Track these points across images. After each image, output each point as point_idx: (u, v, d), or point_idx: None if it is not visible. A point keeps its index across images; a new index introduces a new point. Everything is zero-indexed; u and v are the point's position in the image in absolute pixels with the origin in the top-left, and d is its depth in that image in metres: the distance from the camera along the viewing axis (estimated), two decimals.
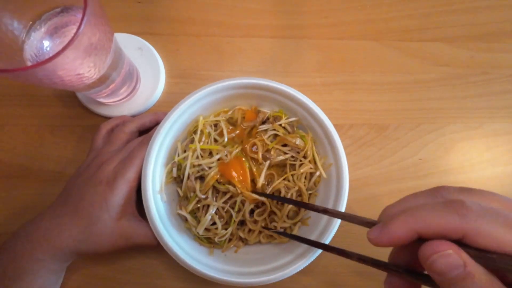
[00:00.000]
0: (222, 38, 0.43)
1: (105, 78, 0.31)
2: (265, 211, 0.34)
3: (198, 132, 0.35)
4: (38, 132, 0.39)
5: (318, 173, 0.35)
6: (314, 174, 0.35)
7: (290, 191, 0.34)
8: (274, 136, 0.36)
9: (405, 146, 0.41)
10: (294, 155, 0.35)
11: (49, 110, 0.40)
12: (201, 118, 0.36)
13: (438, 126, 0.42)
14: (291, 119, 0.36)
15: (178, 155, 0.35)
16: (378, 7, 0.44)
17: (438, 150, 0.41)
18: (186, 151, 0.35)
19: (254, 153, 0.35)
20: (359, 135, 0.41)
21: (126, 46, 0.39)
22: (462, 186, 0.17)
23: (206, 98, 0.35)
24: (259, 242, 0.36)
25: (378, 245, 0.18)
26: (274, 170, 0.35)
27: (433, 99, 0.43)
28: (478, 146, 0.42)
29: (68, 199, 0.32)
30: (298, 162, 0.35)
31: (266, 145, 0.35)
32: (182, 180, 0.35)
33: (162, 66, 0.41)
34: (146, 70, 0.40)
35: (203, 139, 0.35)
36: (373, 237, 0.18)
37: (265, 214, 0.34)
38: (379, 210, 0.22)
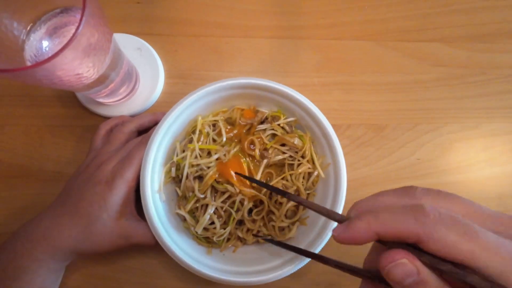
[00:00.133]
0: (221, 39, 0.43)
1: (104, 78, 0.31)
2: (263, 210, 0.34)
3: (197, 132, 0.35)
4: (38, 132, 0.39)
5: (316, 172, 0.35)
6: (312, 174, 0.35)
7: (289, 191, 0.34)
8: (273, 135, 0.36)
9: (402, 146, 0.41)
10: (292, 155, 0.35)
11: (48, 110, 0.40)
12: (199, 118, 0.36)
13: (436, 126, 0.42)
14: (290, 119, 0.36)
15: (177, 155, 0.35)
16: (377, 8, 0.45)
17: (435, 150, 0.42)
18: (184, 151, 0.35)
19: (252, 150, 0.35)
20: (357, 135, 0.41)
21: (126, 46, 0.40)
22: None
23: (204, 98, 0.35)
24: (257, 241, 0.36)
25: (341, 242, 0.19)
26: (273, 169, 0.36)
27: (431, 99, 0.43)
28: (476, 146, 0.42)
29: (67, 199, 0.32)
30: (296, 161, 0.35)
31: (264, 143, 0.35)
32: (180, 180, 0.35)
33: (161, 67, 0.41)
34: (145, 70, 0.40)
35: (202, 139, 0.35)
36: (336, 234, 0.19)
37: (263, 212, 0.34)
38: None
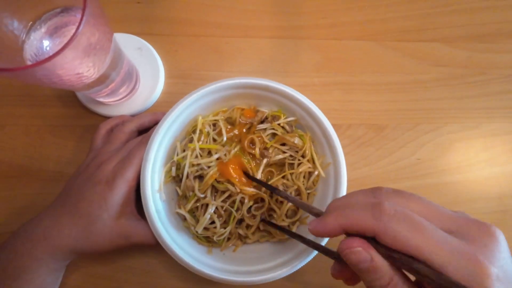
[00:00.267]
0: (221, 39, 0.43)
1: (104, 78, 0.31)
2: (263, 207, 0.34)
3: (197, 131, 0.35)
4: (38, 132, 0.39)
5: (317, 172, 0.35)
6: (313, 173, 0.35)
7: (289, 190, 0.34)
8: (273, 135, 0.36)
9: (403, 146, 0.41)
10: (292, 154, 0.35)
11: (49, 110, 0.40)
12: (200, 118, 0.36)
13: (436, 126, 0.42)
14: (290, 119, 0.36)
15: (177, 154, 0.35)
16: (377, 8, 0.45)
17: (436, 150, 0.42)
18: (185, 151, 0.35)
19: (252, 149, 0.35)
20: (357, 135, 0.41)
21: (126, 46, 0.40)
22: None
23: (205, 98, 0.35)
24: (258, 241, 0.36)
25: (315, 235, 0.21)
26: (273, 168, 0.36)
27: (431, 99, 0.43)
28: (476, 146, 0.42)
29: (67, 199, 0.32)
30: (297, 161, 0.35)
31: (264, 142, 0.35)
32: (181, 179, 0.35)
33: (162, 66, 0.41)
34: (146, 70, 0.40)
35: (202, 139, 0.35)
36: (311, 228, 0.21)
37: (263, 209, 0.34)
38: None
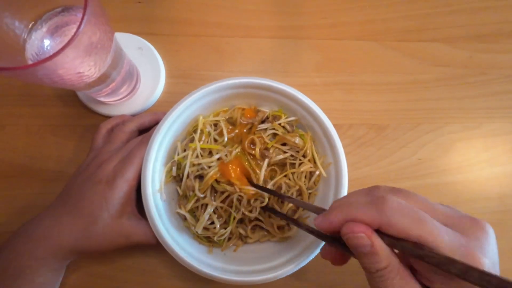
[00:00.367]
0: (221, 39, 0.43)
1: (105, 77, 0.31)
2: (262, 203, 0.34)
3: (198, 131, 0.35)
4: (38, 131, 0.39)
5: (318, 172, 0.35)
6: (314, 173, 0.35)
7: (291, 190, 0.34)
8: (274, 135, 0.36)
9: (403, 146, 0.41)
10: (293, 154, 0.35)
11: (49, 110, 0.40)
12: (201, 118, 0.36)
13: (437, 126, 0.42)
14: (291, 119, 0.36)
15: (178, 154, 0.35)
16: (377, 8, 0.45)
17: (436, 150, 0.42)
18: (186, 150, 0.35)
19: (252, 149, 0.35)
20: (358, 135, 0.41)
21: (127, 45, 0.40)
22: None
23: (205, 98, 0.35)
24: (258, 241, 0.36)
25: (320, 229, 0.23)
26: (276, 168, 0.36)
27: (431, 100, 0.43)
28: (477, 146, 0.42)
29: (68, 198, 0.32)
30: (298, 161, 0.35)
31: (265, 142, 0.35)
32: (181, 179, 0.35)
33: (162, 66, 0.41)
34: (146, 69, 0.40)
35: (203, 139, 0.35)
36: (316, 223, 0.23)
37: (263, 203, 0.34)
38: None
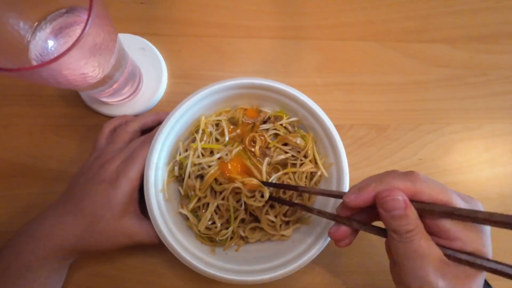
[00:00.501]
0: (223, 39, 0.43)
1: (108, 78, 0.31)
2: (263, 197, 0.33)
3: (200, 131, 0.35)
4: (41, 131, 0.40)
5: (319, 172, 0.35)
6: (315, 173, 0.36)
7: (292, 191, 0.35)
8: (275, 135, 0.36)
9: (404, 147, 0.42)
10: (294, 155, 0.36)
11: (52, 110, 0.40)
12: (203, 118, 0.36)
13: (438, 126, 0.42)
14: (292, 119, 0.37)
15: (180, 154, 0.36)
16: (378, 9, 0.45)
17: (437, 150, 0.42)
18: (187, 150, 0.35)
19: (253, 147, 0.35)
20: (359, 135, 0.42)
21: (129, 46, 0.40)
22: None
23: (207, 98, 0.35)
24: (259, 240, 0.36)
25: (353, 205, 0.24)
26: (278, 167, 0.36)
27: (432, 100, 0.43)
28: (477, 147, 0.42)
29: (71, 198, 0.32)
30: (299, 161, 0.35)
31: (266, 141, 0.35)
32: (183, 179, 0.35)
33: (165, 66, 0.41)
34: (149, 70, 0.41)
35: (205, 138, 0.35)
36: (350, 200, 0.24)
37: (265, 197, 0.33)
38: None
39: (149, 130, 0.37)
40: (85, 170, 0.34)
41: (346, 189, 0.34)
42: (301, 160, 0.35)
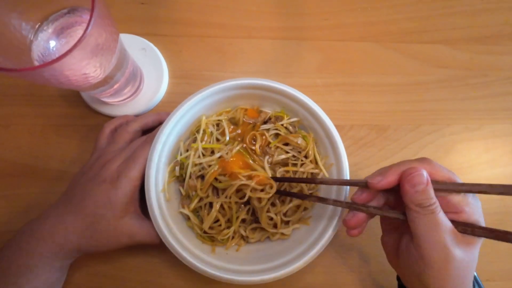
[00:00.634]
0: (224, 40, 0.43)
1: (109, 78, 0.31)
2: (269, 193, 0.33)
3: (201, 131, 0.35)
4: (42, 131, 0.40)
5: (321, 174, 0.35)
6: (316, 174, 0.36)
7: (292, 190, 0.35)
8: (276, 135, 0.36)
9: (405, 147, 0.42)
10: (295, 155, 0.36)
11: (53, 110, 0.40)
12: (204, 118, 0.36)
13: (438, 127, 0.42)
14: (293, 119, 0.37)
15: (181, 154, 0.36)
16: (378, 10, 0.45)
17: (437, 151, 0.42)
18: (188, 150, 0.35)
19: (254, 145, 0.35)
20: (360, 136, 0.42)
21: (130, 46, 0.40)
22: None
23: (208, 98, 0.35)
24: (260, 241, 0.36)
25: (377, 187, 0.27)
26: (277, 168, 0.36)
27: (433, 101, 0.43)
28: (478, 148, 0.42)
29: (72, 198, 0.32)
30: (300, 162, 0.36)
31: (266, 140, 0.35)
32: (184, 179, 0.35)
33: (166, 67, 0.42)
34: (150, 70, 0.41)
35: (206, 138, 0.35)
36: (376, 181, 0.27)
37: (271, 194, 0.33)
38: None
39: (150, 130, 0.37)
40: (86, 170, 0.34)
41: (347, 189, 0.34)
42: (301, 160, 0.36)
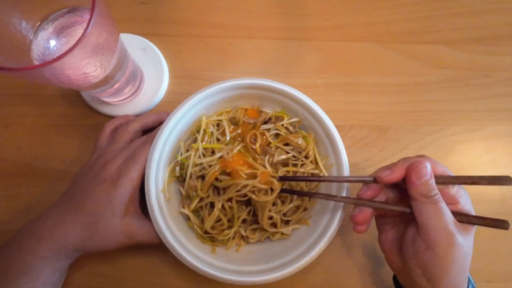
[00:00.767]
0: (224, 40, 0.43)
1: (110, 78, 0.31)
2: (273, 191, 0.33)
3: (201, 131, 0.35)
4: (43, 131, 0.40)
5: (321, 174, 0.35)
6: (316, 175, 0.36)
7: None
8: (276, 135, 0.36)
9: (405, 148, 0.42)
10: (295, 155, 0.36)
11: (54, 110, 0.40)
12: (204, 118, 0.36)
13: (439, 128, 0.42)
14: (293, 120, 0.37)
15: (181, 154, 0.36)
16: (379, 10, 0.45)
17: (438, 151, 0.42)
18: (188, 151, 0.35)
19: (253, 144, 0.35)
20: (360, 136, 0.42)
21: (131, 46, 0.40)
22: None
23: (209, 98, 0.35)
24: (260, 241, 0.36)
25: (386, 181, 0.29)
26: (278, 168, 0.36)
27: (433, 101, 0.43)
28: (478, 148, 0.42)
29: (72, 198, 0.32)
30: (300, 162, 0.35)
31: (267, 139, 0.35)
32: (184, 179, 0.35)
33: (166, 67, 0.42)
34: (150, 70, 0.41)
35: (206, 139, 0.35)
36: (385, 175, 0.29)
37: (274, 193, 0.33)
38: None
39: (150, 130, 0.37)
40: (86, 170, 0.34)
41: (346, 191, 0.34)
42: (302, 160, 0.35)
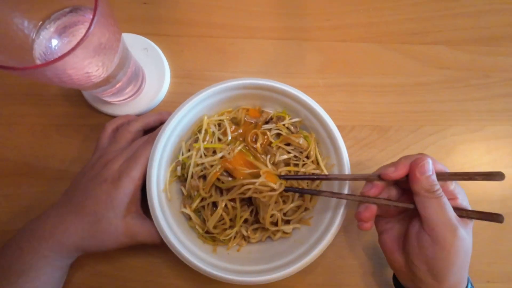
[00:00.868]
0: (225, 40, 0.43)
1: (112, 77, 0.31)
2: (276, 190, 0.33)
3: (203, 131, 0.35)
4: (44, 130, 0.40)
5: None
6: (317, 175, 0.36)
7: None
8: (277, 135, 0.36)
9: (406, 148, 0.42)
10: (297, 155, 0.36)
11: (55, 109, 0.40)
12: (205, 118, 0.36)
13: (440, 128, 0.42)
14: (295, 120, 0.37)
15: (183, 154, 0.36)
16: (380, 10, 0.45)
17: (439, 152, 0.42)
18: (190, 150, 0.35)
19: (255, 143, 0.35)
20: (361, 137, 0.42)
21: (133, 46, 0.40)
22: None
23: (210, 98, 0.35)
24: (261, 241, 0.36)
25: (391, 178, 0.29)
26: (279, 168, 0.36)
27: (434, 102, 0.43)
28: (479, 149, 0.42)
29: (73, 197, 0.32)
30: (301, 162, 0.35)
31: (268, 139, 0.35)
32: (186, 179, 0.35)
33: (167, 66, 0.42)
34: (151, 70, 0.41)
35: (207, 138, 0.35)
36: (390, 171, 0.29)
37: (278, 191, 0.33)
38: None
39: (151, 130, 0.37)
40: (87, 170, 0.34)
41: (348, 190, 0.34)
42: (303, 160, 0.35)
